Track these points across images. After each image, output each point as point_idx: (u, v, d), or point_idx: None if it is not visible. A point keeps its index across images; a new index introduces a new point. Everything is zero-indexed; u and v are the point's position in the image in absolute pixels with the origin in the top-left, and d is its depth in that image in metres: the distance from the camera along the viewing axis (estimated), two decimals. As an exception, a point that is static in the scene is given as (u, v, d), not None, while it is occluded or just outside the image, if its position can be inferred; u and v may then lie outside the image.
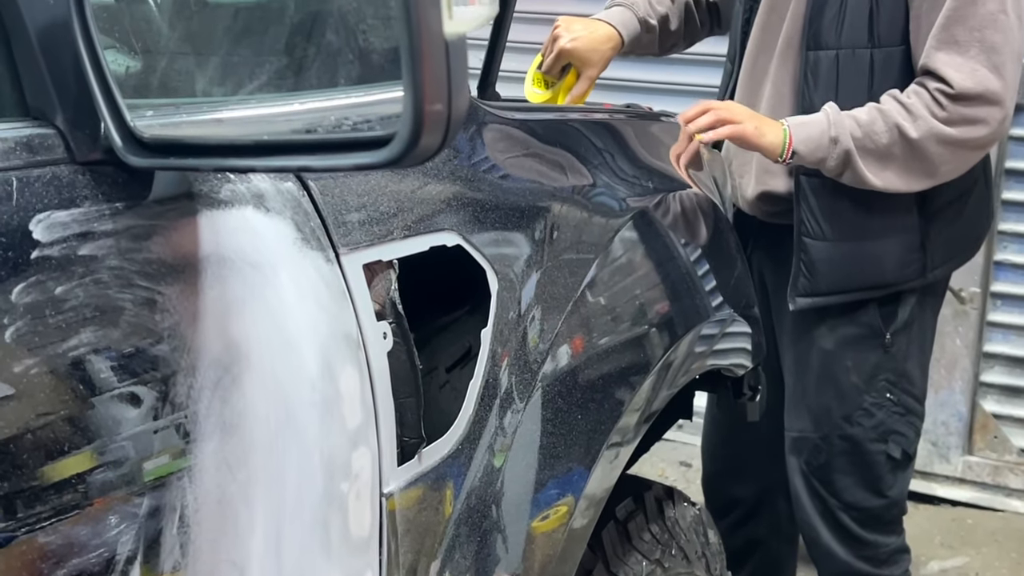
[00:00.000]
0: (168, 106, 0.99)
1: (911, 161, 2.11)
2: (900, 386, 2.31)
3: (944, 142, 2.09)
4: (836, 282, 2.25)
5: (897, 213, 2.22)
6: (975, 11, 2.04)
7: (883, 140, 2.09)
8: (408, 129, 0.77)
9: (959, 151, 2.11)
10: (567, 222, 1.51)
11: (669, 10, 2.47)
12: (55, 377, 0.85)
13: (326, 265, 1.10)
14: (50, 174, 0.90)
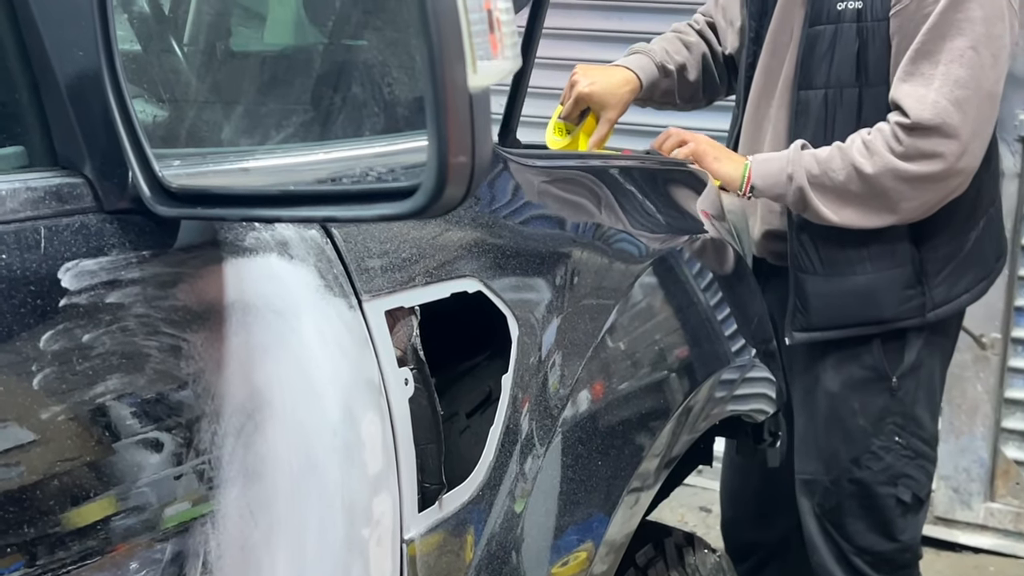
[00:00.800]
0: (195, 155, 1.00)
1: (869, 198, 2.13)
2: (908, 429, 2.31)
3: (900, 177, 2.10)
4: (830, 317, 2.26)
5: (891, 248, 2.22)
6: (943, 46, 2.06)
7: (839, 177, 2.12)
8: (433, 180, 0.78)
9: (918, 187, 2.11)
10: (587, 268, 1.52)
11: (687, 60, 2.49)
12: (81, 423, 0.86)
13: (349, 312, 1.11)
14: (79, 223, 0.91)
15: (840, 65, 2.17)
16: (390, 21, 1.01)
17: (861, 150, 2.12)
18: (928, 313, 2.25)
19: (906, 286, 2.23)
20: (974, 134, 2.09)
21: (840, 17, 2.15)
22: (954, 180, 2.12)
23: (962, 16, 2.05)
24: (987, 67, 2.07)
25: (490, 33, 0.77)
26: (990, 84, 2.09)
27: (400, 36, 0.97)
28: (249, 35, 1.20)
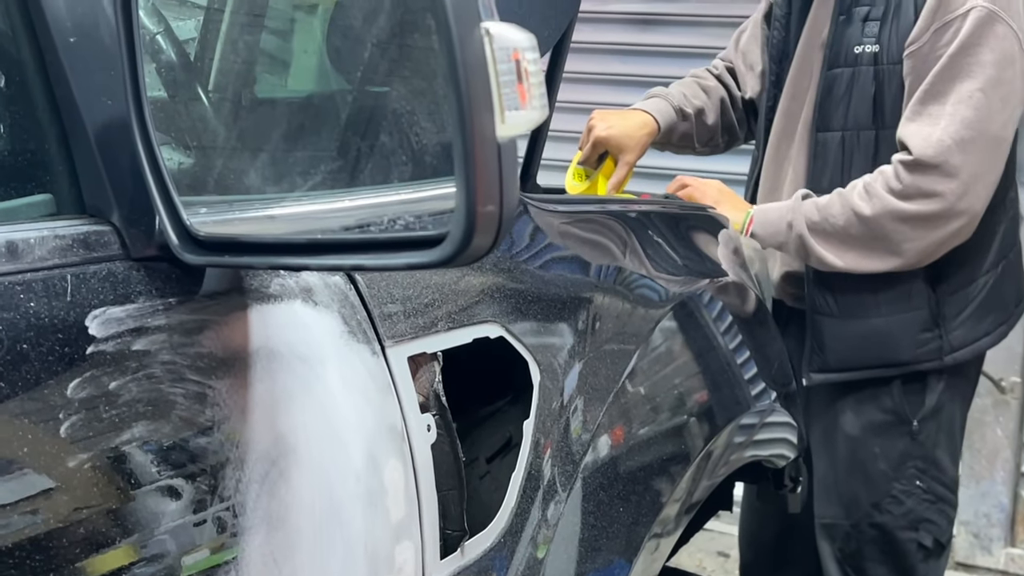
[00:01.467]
0: (221, 203, 1.00)
1: (871, 240, 2.14)
2: (929, 473, 2.30)
3: (899, 218, 2.10)
4: (847, 359, 2.26)
5: (907, 291, 2.23)
6: (952, 87, 2.07)
7: (839, 222, 2.13)
8: (461, 230, 0.78)
9: (918, 227, 2.12)
10: (608, 313, 1.52)
11: (705, 104, 2.51)
12: (107, 470, 0.86)
13: (372, 358, 1.11)
14: (106, 270, 0.92)
15: (857, 108, 2.18)
16: (416, 69, 1.01)
17: (861, 194, 2.13)
18: (946, 356, 2.25)
19: (923, 329, 2.23)
20: (976, 176, 2.09)
21: (858, 60, 2.16)
22: (955, 221, 2.12)
23: (972, 59, 2.06)
24: (995, 111, 2.08)
25: (518, 83, 0.78)
26: (997, 128, 2.09)
27: (427, 84, 0.97)
28: (274, 82, 1.21)
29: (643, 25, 3.58)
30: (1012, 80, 2.09)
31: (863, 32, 2.16)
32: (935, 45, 2.08)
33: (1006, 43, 2.07)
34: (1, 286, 0.84)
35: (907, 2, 2.12)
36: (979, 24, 2.06)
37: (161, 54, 1.06)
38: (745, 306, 1.95)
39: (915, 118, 2.10)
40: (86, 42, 0.95)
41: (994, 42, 2.06)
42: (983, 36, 2.06)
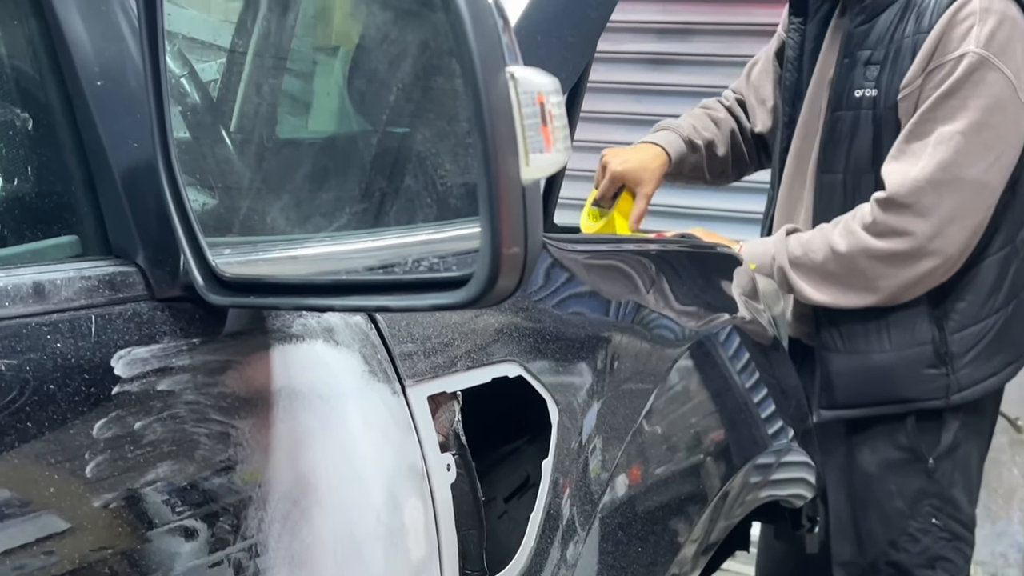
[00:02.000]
0: (245, 244, 1.01)
1: (847, 276, 2.17)
2: (946, 511, 2.29)
3: (872, 256, 2.13)
4: (853, 395, 2.28)
5: (910, 327, 2.24)
6: (934, 128, 2.09)
7: (818, 257, 2.17)
8: (486, 271, 0.79)
9: (891, 265, 2.14)
10: (626, 352, 1.52)
11: (715, 136, 2.52)
12: (132, 509, 0.86)
13: (392, 397, 1.11)
14: (131, 311, 0.93)
15: (858, 151, 2.21)
16: (440, 111, 1.02)
17: (840, 230, 2.17)
18: (952, 395, 2.25)
19: (928, 366, 2.24)
20: (950, 218, 2.11)
21: (859, 104, 2.19)
22: (926, 261, 2.14)
23: (958, 102, 2.08)
24: (975, 155, 2.09)
25: (543, 126, 0.79)
26: (978, 172, 2.11)
27: (450, 125, 0.98)
28: (296, 123, 1.22)
29: (656, 65, 3.60)
30: (999, 126, 2.11)
31: (864, 76, 2.18)
32: (925, 87, 2.11)
33: (996, 89, 2.09)
34: (28, 327, 0.85)
35: (906, 47, 2.14)
36: (970, 69, 2.07)
37: (186, 97, 1.07)
38: (762, 344, 1.95)
39: (897, 156, 2.13)
40: (113, 86, 0.96)
41: (983, 88, 2.08)
42: (972, 81, 2.08)
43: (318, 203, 1.06)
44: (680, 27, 3.46)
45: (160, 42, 0.92)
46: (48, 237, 0.96)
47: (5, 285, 0.85)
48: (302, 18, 1.23)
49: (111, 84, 0.96)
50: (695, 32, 3.36)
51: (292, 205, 1.06)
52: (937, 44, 2.10)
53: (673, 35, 3.53)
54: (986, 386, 2.29)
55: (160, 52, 0.93)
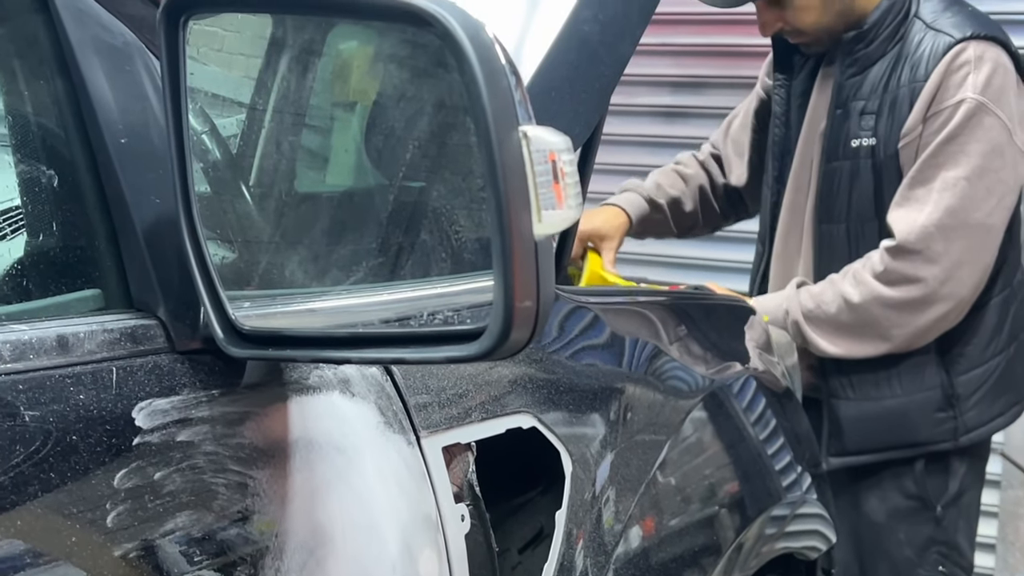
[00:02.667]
0: (264, 297, 1.03)
1: (862, 326, 2.19)
2: (951, 558, 2.33)
3: (885, 304, 2.16)
4: (863, 441, 2.30)
5: (919, 372, 2.27)
6: (938, 174, 2.13)
7: (831, 309, 2.19)
8: (499, 324, 0.80)
9: (904, 313, 2.17)
10: (640, 403, 1.53)
11: (682, 193, 2.58)
12: (152, 559, 0.88)
13: (407, 448, 1.13)
14: (152, 363, 0.94)
15: (859, 200, 2.25)
16: (454, 166, 1.04)
17: (851, 280, 2.19)
18: (961, 437, 2.29)
19: (937, 409, 2.27)
20: (959, 262, 2.14)
21: (856, 154, 2.23)
22: (939, 306, 2.16)
23: (959, 148, 2.13)
24: (980, 199, 2.14)
25: (554, 183, 0.81)
26: (982, 216, 2.15)
27: (464, 181, 1.01)
28: (314, 178, 1.25)
29: (670, 117, 3.64)
30: (999, 170, 2.15)
31: (860, 126, 2.22)
32: (925, 134, 2.15)
33: (993, 134, 2.14)
34: (52, 379, 0.87)
35: (903, 96, 2.18)
36: (968, 115, 2.12)
37: (206, 152, 1.10)
38: (776, 395, 1.96)
39: (902, 203, 2.16)
40: (136, 143, 0.98)
41: (981, 133, 2.13)
42: (971, 127, 2.12)
43: (335, 256, 1.08)
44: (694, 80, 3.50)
45: (183, 100, 0.95)
46: (72, 291, 0.98)
47: (30, 338, 0.87)
48: (320, 74, 1.26)
49: (134, 141, 0.99)
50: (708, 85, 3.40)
51: (310, 258, 1.08)
52: (935, 91, 2.14)
53: (687, 88, 3.56)
54: (992, 427, 2.33)
55: (183, 110, 0.95)
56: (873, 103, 2.20)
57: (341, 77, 1.29)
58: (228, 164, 1.16)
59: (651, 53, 3.32)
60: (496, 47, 0.81)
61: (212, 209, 1.06)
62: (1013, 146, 2.16)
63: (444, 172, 1.09)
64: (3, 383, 0.84)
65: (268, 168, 1.20)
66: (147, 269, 0.98)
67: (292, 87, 1.25)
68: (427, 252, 1.06)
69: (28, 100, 1.01)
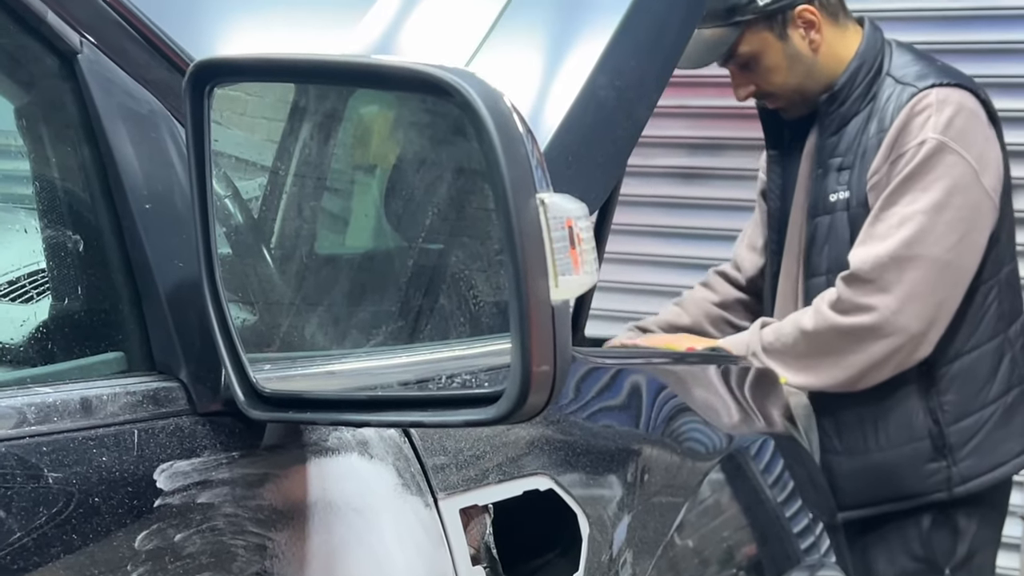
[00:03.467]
0: (284, 359, 1.04)
1: (816, 356, 2.21)
2: None
3: (838, 332, 2.18)
4: (856, 495, 2.30)
5: (906, 423, 2.28)
6: (896, 210, 2.18)
7: (789, 340, 2.23)
8: (516, 389, 0.81)
9: (855, 341, 2.18)
10: (657, 465, 1.53)
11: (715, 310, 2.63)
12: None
13: (425, 510, 1.13)
14: (173, 425, 0.96)
15: (838, 251, 2.28)
16: (472, 231, 1.06)
17: (810, 312, 2.24)
18: (955, 488, 2.29)
19: (928, 460, 2.28)
20: (912, 295, 2.16)
21: (834, 207, 2.28)
22: (892, 339, 2.17)
23: (919, 185, 2.17)
24: (939, 233, 2.16)
25: (571, 249, 0.82)
26: (941, 250, 2.17)
27: (482, 245, 1.02)
28: (334, 240, 1.26)
29: (687, 179, 3.66)
30: (961, 207, 2.18)
31: (837, 181, 2.28)
32: (891, 173, 2.20)
33: (956, 171, 2.18)
34: (75, 441, 0.88)
35: (871, 147, 2.24)
36: (929, 154, 2.18)
37: (229, 216, 1.11)
38: (792, 457, 1.95)
39: (864, 240, 2.21)
40: (161, 208, 1.00)
41: (943, 170, 2.17)
42: (931, 164, 2.17)
43: (354, 319, 1.10)
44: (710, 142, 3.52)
45: (207, 166, 0.97)
46: (95, 353, 0.99)
47: (54, 400, 0.89)
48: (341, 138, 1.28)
49: (159, 206, 1.01)
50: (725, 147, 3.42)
51: (329, 321, 1.09)
52: (898, 135, 2.21)
53: (704, 150, 3.59)
54: (993, 477, 2.32)
55: (207, 176, 0.97)
56: (848, 158, 2.27)
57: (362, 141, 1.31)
58: (250, 227, 1.18)
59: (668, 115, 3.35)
60: (514, 116, 0.83)
61: (234, 272, 1.08)
62: (979, 187, 2.20)
63: (462, 236, 1.10)
64: (27, 445, 0.85)
65: (289, 231, 1.21)
66: (169, 332, 0.99)
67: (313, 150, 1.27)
68: (445, 315, 1.07)
69: (55, 165, 1.03)
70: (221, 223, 1.05)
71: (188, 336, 1.00)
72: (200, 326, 1.00)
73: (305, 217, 1.23)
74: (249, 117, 1.25)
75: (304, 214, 1.23)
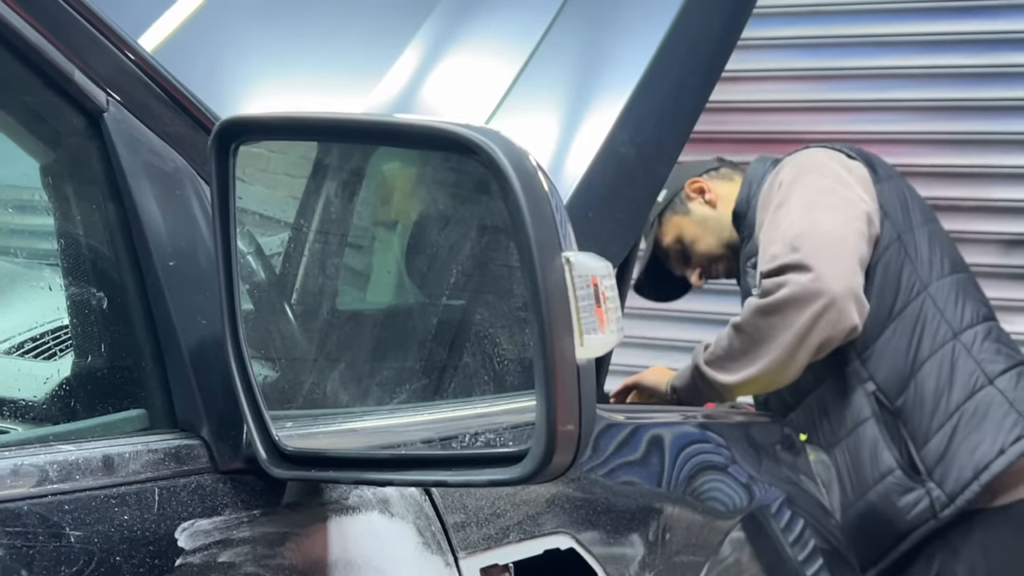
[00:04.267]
0: (306, 417, 1.04)
1: (751, 345, 2.25)
2: None
3: (763, 311, 2.22)
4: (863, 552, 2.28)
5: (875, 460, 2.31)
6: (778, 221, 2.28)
7: (724, 343, 2.29)
8: (541, 448, 0.81)
9: (781, 314, 2.21)
10: (678, 524, 1.52)
11: None
12: None
13: (445, 569, 1.12)
14: (195, 483, 0.95)
15: None
16: (495, 287, 1.06)
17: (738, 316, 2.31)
18: (940, 513, 2.28)
19: (904, 491, 2.29)
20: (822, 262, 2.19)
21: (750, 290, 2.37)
22: (815, 303, 2.19)
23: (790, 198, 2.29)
24: (823, 215, 2.25)
25: (596, 307, 0.82)
26: (831, 227, 2.25)
27: (506, 303, 1.02)
28: (356, 297, 1.26)
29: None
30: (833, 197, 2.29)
31: (753, 277, 2.38)
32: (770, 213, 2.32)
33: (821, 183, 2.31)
34: (97, 499, 0.88)
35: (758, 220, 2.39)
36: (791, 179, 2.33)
37: (252, 273, 1.11)
38: (813, 516, 1.94)
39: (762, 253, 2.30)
40: (185, 266, 1.00)
41: (807, 181, 2.31)
42: (797, 185, 2.32)
43: (377, 376, 1.09)
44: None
45: (232, 224, 0.97)
46: (118, 411, 0.99)
47: (77, 458, 0.88)
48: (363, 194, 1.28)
49: (183, 264, 1.01)
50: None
51: (351, 378, 1.09)
52: (764, 195, 2.38)
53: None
54: (978, 486, 2.28)
55: (231, 233, 0.97)
56: (753, 249, 2.40)
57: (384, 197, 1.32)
58: (272, 284, 1.18)
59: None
60: (539, 175, 0.83)
61: (256, 328, 1.08)
62: (846, 190, 2.32)
63: (485, 293, 1.10)
64: (50, 504, 0.84)
65: (311, 287, 1.21)
66: (192, 390, 0.99)
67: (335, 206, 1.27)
68: (468, 372, 1.07)
69: (80, 223, 1.03)
70: (244, 280, 1.05)
71: (210, 393, 1.00)
72: (222, 383, 0.99)
73: (327, 273, 1.23)
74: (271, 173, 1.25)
75: (326, 270, 1.23)
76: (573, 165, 1.44)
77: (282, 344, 1.11)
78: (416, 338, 1.12)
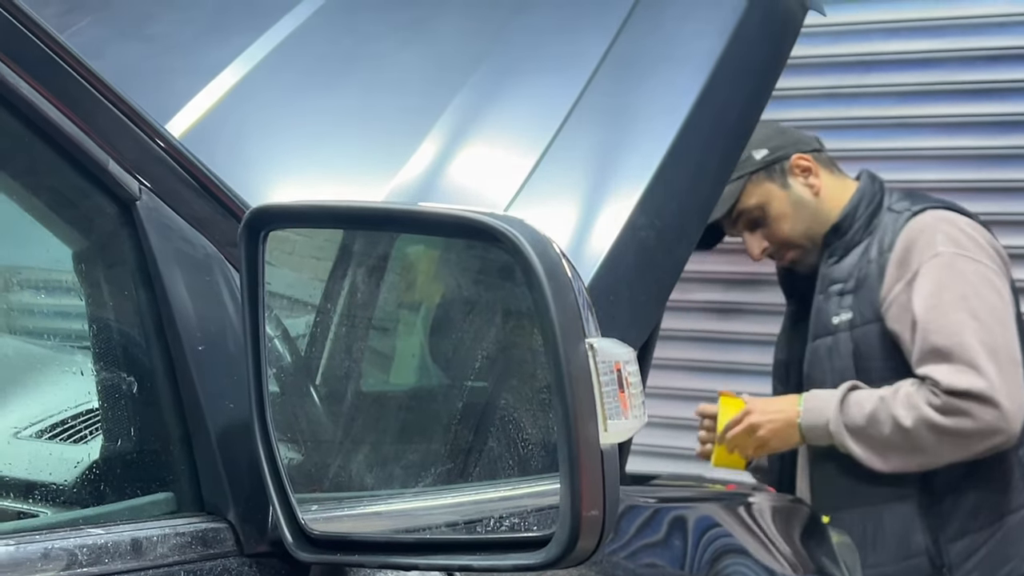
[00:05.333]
0: (331, 500, 1.05)
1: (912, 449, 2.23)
2: None
3: (938, 431, 2.19)
4: None
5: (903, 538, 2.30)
6: (946, 321, 2.21)
7: (884, 430, 2.23)
8: (566, 533, 0.81)
9: (957, 442, 2.20)
10: (701, 607, 1.51)
11: None
12: None
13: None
14: (221, 567, 0.96)
15: (840, 367, 2.35)
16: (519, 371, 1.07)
17: (904, 402, 2.23)
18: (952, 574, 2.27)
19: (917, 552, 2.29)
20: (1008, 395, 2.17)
21: (836, 329, 2.35)
22: (998, 437, 2.20)
23: (948, 296, 2.23)
24: (994, 331, 2.22)
25: (620, 392, 0.83)
26: (1006, 340, 2.22)
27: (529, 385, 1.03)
28: (380, 381, 1.27)
29: (723, 313, 3.66)
30: (995, 303, 2.25)
31: (839, 305, 2.35)
32: (911, 295, 2.25)
33: (978, 273, 2.25)
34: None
35: (873, 271, 2.33)
36: (944, 265, 2.25)
37: (278, 356, 1.13)
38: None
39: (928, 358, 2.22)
40: (213, 350, 1.02)
41: (969, 276, 2.25)
42: (955, 273, 2.25)
43: (401, 459, 1.10)
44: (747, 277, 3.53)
45: (260, 310, 0.99)
46: (146, 494, 1.00)
47: (105, 542, 0.89)
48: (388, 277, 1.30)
49: (211, 348, 1.02)
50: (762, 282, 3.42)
51: (377, 461, 1.09)
52: (905, 254, 2.29)
53: (740, 285, 3.60)
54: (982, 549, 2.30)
55: (260, 319, 0.99)
56: (849, 284, 2.35)
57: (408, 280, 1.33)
58: (299, 367, 1.19)
59: (705, 251, 3.37)
60: (563, 263, 0.84)
61: (283, 411, 1.09)
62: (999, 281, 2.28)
63: (509, 376, 1.11)
64: (79, 588, 0.85)
65: (337, 370, 1.23)
66: (219, 473, 1.00)
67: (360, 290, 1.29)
68: (492, 455, 1.08)
69: (111, 308, 1.05)
70: (271, 363, 1.06)
71: (237, 476, 1.01)
72: (248, 466, 1.00)
73: (353, 356, 1.25)
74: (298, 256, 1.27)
75: (352, 353, 1.25)
76: (594, 249, 1.45)
77: (308, 427, 1.13)
78: (441, 421, 1.13)
